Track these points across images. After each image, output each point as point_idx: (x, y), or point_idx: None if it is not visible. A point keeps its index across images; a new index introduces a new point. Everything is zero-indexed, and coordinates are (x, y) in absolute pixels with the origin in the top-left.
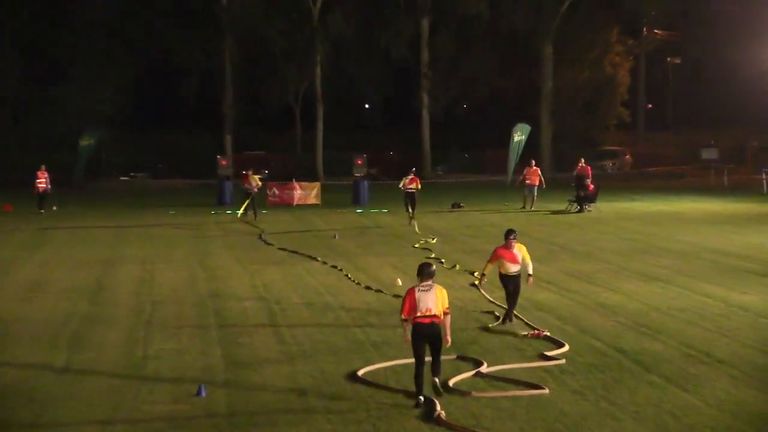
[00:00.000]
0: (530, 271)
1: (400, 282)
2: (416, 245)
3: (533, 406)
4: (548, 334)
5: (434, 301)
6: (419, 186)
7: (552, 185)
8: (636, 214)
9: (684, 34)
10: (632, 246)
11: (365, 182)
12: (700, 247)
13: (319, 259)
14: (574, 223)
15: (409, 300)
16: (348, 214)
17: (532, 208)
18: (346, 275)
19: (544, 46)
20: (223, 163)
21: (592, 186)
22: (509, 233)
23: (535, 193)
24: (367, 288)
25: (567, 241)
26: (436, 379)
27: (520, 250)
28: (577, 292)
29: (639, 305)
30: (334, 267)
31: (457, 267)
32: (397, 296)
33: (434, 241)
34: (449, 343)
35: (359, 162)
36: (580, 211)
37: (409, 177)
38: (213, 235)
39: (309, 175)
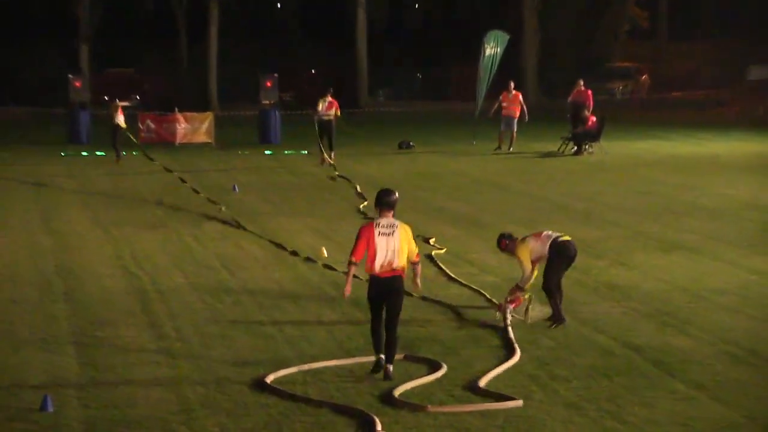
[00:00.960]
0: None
1: (325, 252)
2: (333, 176)
3: (511, 424)
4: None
5: (398, 249)
6: (338, 113)
7: (539, 117)
8: (655, 157)
9: None
10: (650, 202)
11: (276, 112)
12: (742, 203)
13: (219, 216)
14: (569, 170)
15: (364, 242)
16: (253, 158)
17: (511, 149)
18: (273, 242)
19: None
20: (77, 84)
21: (593, 118)
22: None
23: (515, 128)
24: (293, 254)
25: (560, 195)
26: (390, 367)
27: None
28: (575, 268)
29: (659, 285)
30: (241, 227)
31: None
32: (328, 268)
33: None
34: (419, 288)
35: (268, 85)
36: (577, 153)
37: (327, 100)
38: (63, 187)
39: (198, 103)
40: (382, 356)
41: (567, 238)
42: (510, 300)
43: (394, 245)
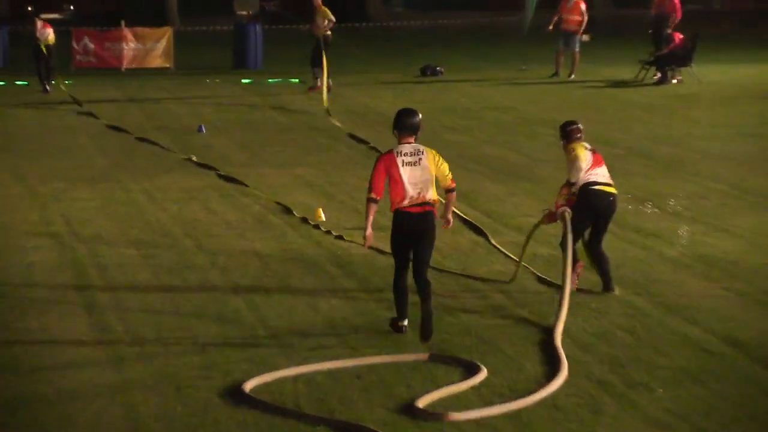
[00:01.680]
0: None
1: (322, 215)
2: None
3: None
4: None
5: (429, 178)
6: (332, 20)
7: (610, 32)
8: (766, 87)
9: None
10: (760, 148)
11: (257, 27)
12: None
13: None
14: (651, 104)
15: (383, 173)
16: (225, 88)
17: (572, 76)
18: (260, 196)
19: None
20: None
21: (680, 36)
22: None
23: (577, 47)
24: (284, 209)
25: (638, 138)
26: (429, 324)
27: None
28: (657, 235)
29: None
30: (219, 174)
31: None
32: (326, 234)
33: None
34: (450, 224)
35: None
36: (661, 81)
37: (321, 7)
38: None
39: (152, 16)
40: (405, 323)
41: (607, 189)
42: (562, 204)
43: (424, 175)
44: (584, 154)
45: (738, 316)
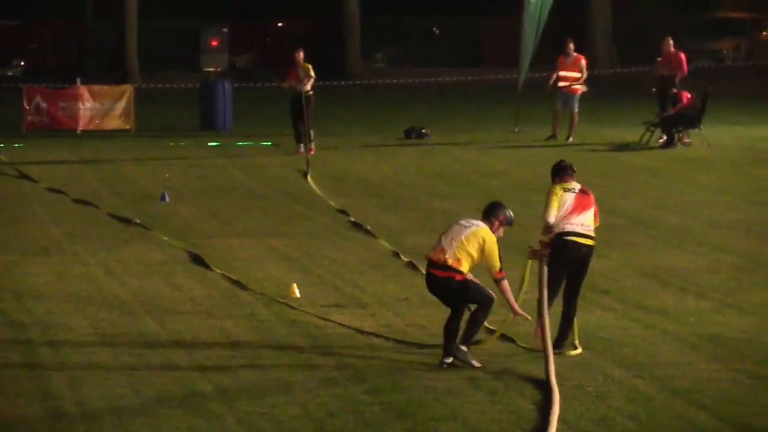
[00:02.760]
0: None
1: (297, 291)
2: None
3: None
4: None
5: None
6: (311, 75)
7: (611, 91)
8: None
9: None
10: None
11: (227, 84)
12: None
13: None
14: (656, 169)
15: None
16: (191, 151)
17: (570, 139)
18: (223, 275)
19: None
20: None
21: (688, 95)
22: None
23: (576, 108)
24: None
25: (642, 206)
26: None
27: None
28: (662, 312)
29: None
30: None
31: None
32: (300, 312)
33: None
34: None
35: (213, 44)
36: (668, 145)
37: (302, 63)
38: None
39: (111, 71)
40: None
41: (581, 240)
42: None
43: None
44: (560, 198)
45: (750, 400)
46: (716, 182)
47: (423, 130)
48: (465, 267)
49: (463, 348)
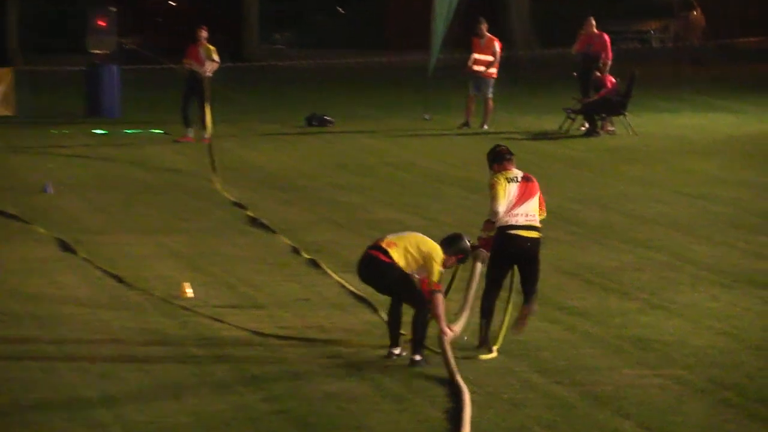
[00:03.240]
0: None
1: (189, 291)
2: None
3: None
4: None
5: (536, 201)
6: (215, 60)
7: (530, 75)
8: (712, 139)
9: None
10: (704, 211)
11: (114, 68)
12: None
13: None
14: (577, 160)
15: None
16: (76, 139)
17: (485, 126)
18: (108, 272)
19: None
20: None
21: (612, 80)
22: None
23: (489, 94)
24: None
25: (562, 200)
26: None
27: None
28: (583, 314)
29: (717, 340)
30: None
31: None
32: (186, 308)
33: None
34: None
35: (101, 23)
36: (590, 134)
37: (204, 43)
38: None
39: None
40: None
41: (525, 234)
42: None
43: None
44: (504, 190)
45: (677, 408)
46: (642, 174)
47: (326, 117)
48: (402, 264)
49: (417, 357)
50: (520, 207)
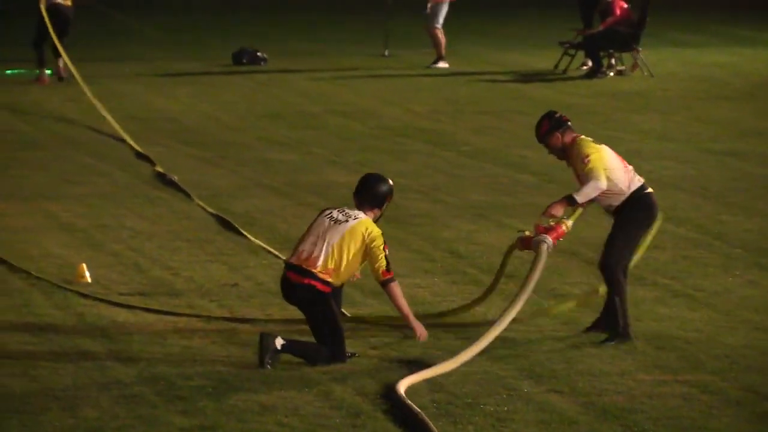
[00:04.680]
0: None
1: (87, 274)
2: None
3: None
4: None
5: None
6: None
7: (520, 2)
8: (748, 83)
9: None
10: (736, 173)
11: None
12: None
13: None
14: (577, 107)
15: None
16: None
17: (440, 64)
18: None
19: None
20: None
21: (623, 4)
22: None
23: (437, 23)
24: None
25: (557, 162)
26: None
27: None
28: (588, 305)
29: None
30: None
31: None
32: (82, 296)
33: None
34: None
35: None
36: (594, 74)
37: None
38: None
39: None
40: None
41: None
42: (547, 228)
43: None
44: (602, 153)
45: (705, 424)
46: (660, 125)
47: (258, 53)
48: (339, 278)
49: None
50: (630, 166)
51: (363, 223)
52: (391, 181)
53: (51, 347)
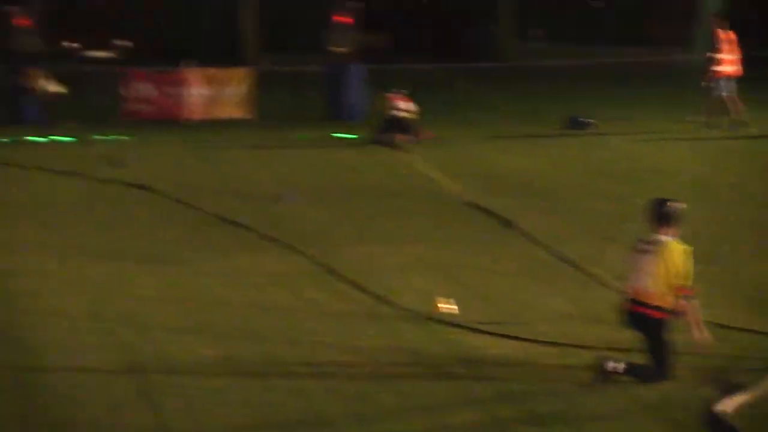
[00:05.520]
0: None
1: (450, 306)
2: None
3: None
4: None
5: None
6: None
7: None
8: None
9: None
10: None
11: (356, 67)
12: None
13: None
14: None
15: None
16: (317, 143)
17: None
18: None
19: None
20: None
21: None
22: None
23: (724, 91)
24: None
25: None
26: None
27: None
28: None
29: None
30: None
31: None
32: (442, 324)
33: None
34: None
35: (342, 20)
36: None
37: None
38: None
39: (222, 53)
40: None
41: None
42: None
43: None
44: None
45: None
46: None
47: (587, 120)
48: (670, 299)
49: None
50: None
51: (666, 246)
52: (674, 202)
53: (415, 367)
